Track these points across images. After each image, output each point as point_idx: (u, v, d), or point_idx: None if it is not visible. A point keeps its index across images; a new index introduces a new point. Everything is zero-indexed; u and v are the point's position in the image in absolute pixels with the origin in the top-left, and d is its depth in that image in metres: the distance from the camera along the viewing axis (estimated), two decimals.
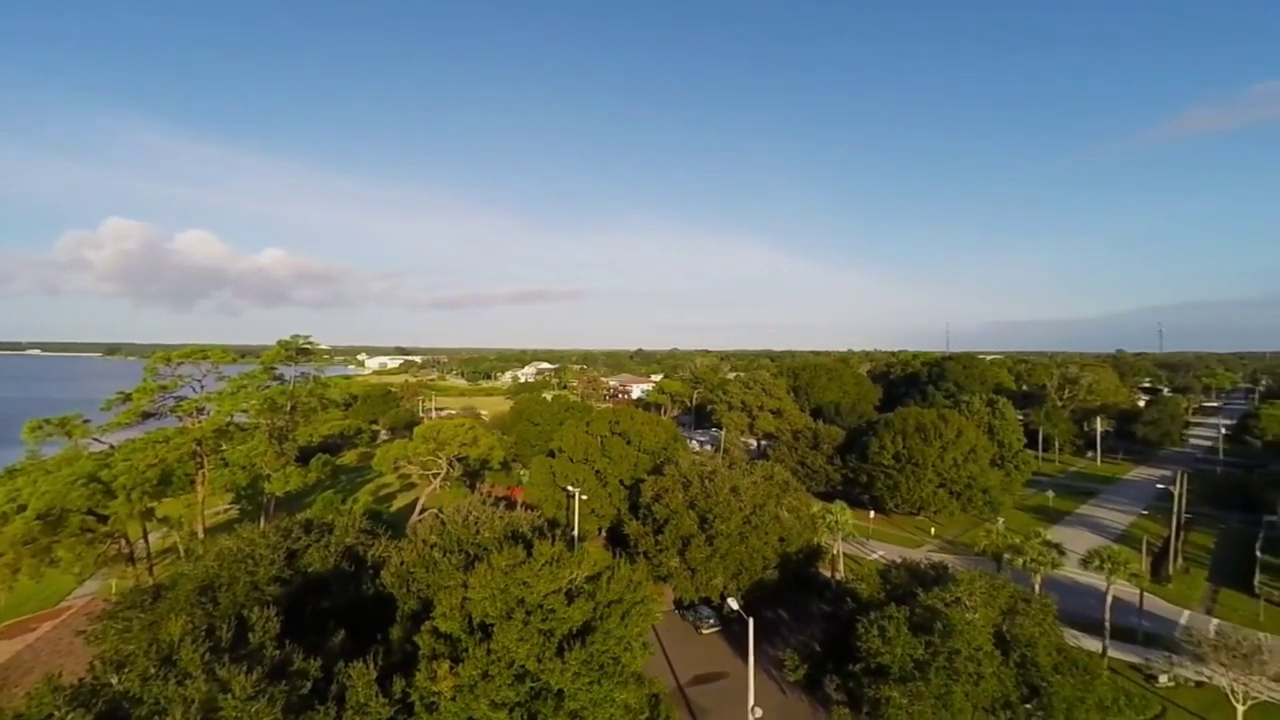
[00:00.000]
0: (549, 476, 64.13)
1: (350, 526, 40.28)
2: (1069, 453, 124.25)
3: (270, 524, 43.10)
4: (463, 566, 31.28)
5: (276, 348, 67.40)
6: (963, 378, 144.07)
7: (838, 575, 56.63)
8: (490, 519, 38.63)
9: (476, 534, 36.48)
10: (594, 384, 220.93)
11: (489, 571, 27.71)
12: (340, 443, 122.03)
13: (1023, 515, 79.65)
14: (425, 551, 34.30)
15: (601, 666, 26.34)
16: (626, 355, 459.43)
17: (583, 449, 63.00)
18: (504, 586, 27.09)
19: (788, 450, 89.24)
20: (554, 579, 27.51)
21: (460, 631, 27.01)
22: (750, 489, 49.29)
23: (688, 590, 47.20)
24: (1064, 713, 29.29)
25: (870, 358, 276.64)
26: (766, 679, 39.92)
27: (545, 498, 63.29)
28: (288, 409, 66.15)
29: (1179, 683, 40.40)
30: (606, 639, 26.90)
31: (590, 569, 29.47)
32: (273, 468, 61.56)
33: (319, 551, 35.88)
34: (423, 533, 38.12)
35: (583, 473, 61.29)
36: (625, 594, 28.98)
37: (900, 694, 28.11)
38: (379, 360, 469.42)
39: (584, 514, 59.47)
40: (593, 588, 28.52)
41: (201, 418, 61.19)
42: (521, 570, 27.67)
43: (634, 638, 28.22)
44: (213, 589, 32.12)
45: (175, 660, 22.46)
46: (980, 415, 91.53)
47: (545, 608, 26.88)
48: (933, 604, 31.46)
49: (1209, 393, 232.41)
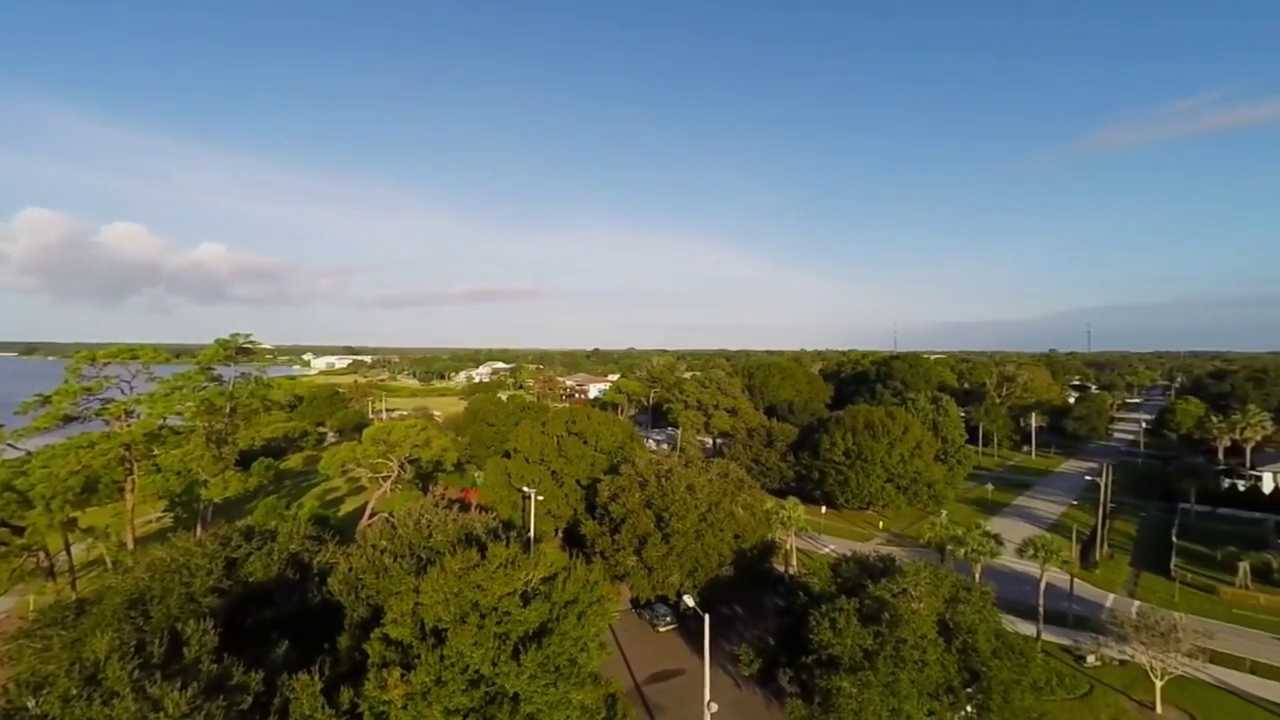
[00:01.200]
0: (504, 478, 63.26)
1: (295, 533, 38.76)
2: (1007, 447, 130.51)
3: (208, 532, 41.03)
4: (414, 571, 30.55)
5: (214, 347, 64.12)
6: (909, 376, 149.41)
7: (791, 570, 57.88)
8: (443, 522, 37.81)
9: (429, 537, 35.66)
10: (550, 384, 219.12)
11: (442, 575, 27.14)
12: (284, 446, 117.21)
13: (964, 507, 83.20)
14: (375, 557, 33.34)
15: (558, 668, 26.16)
16: (583, 355, 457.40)
17: (539, 449, 62.40)
18: (457, 590, 26.58)
19: (743, 448, 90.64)
20: (509, 581, 27.16)
21: (412, 638, 26.35)
22: (706, 487, 49.80)
23: (644, 589, 47.35)
24: (1001, 695, 30.73)
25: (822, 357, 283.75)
26: (722, 674, 40.44)
27: (500, 499, 62.40)
28: (227, 411, 63.07)
29: (1104, 662, 42.97)
30: (563, 640, 26.73)
31: (546, 570, 29.22)
32: (210, 473, 58.61)
33: (261, 560, 34.40)
34: (372, 537, 36.97)
35: (539, 473, 60.70)
36: (581, 594, 28.86)
37: (850, 683, 28.92)
38: (326, 360, 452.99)
39: (540, 515, 58.89)
40: (548, 589, 28.29)
41: (131, 421, 57.73)
42: (476, 573, 27.20)
43: (590, 638, 28.13)
44: (143, 602, 30.38)
45: (100, 679, 21.12)
46: (925, 412, 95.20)
47: (500, 610, 26.51)
48: (881, 595, 32.48)
49: (1131, 390, 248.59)
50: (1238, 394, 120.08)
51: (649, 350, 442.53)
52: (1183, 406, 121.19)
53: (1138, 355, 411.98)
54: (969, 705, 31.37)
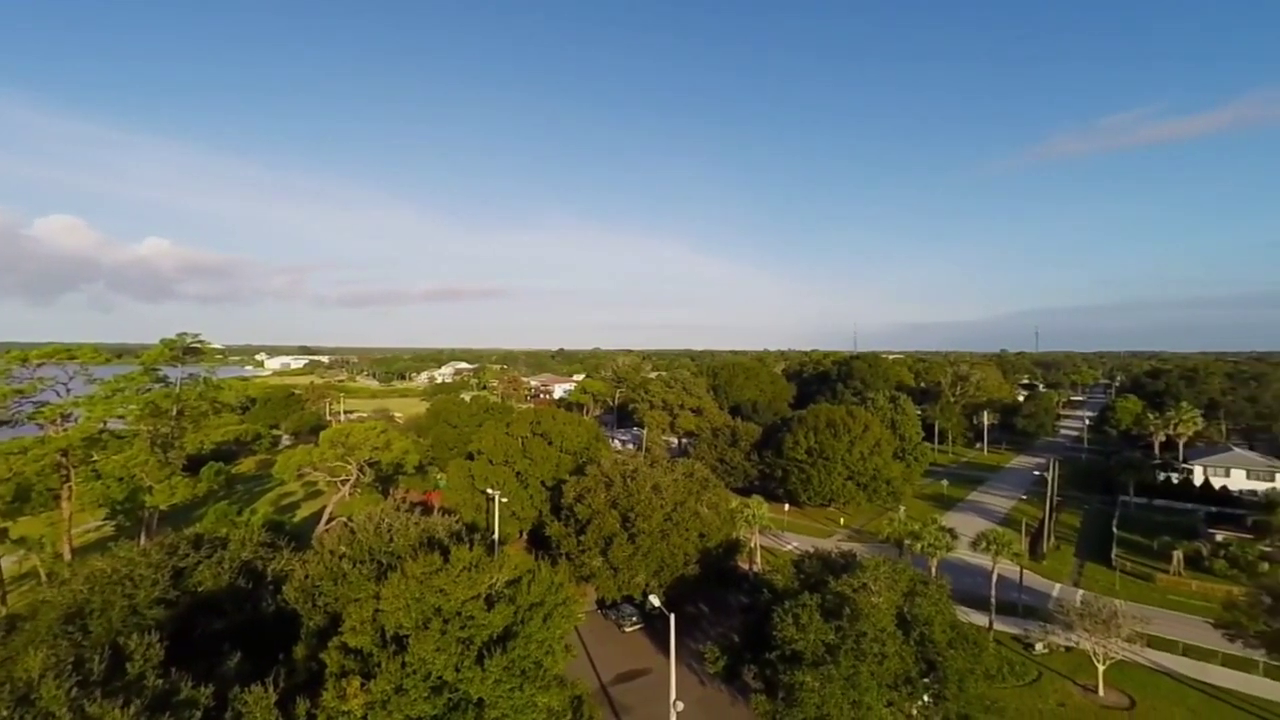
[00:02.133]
0: (468, 480, 62.30)
1: (247, 539, 37.36)
2: (961, 444, 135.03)
3: (153, 541, 39.19)
4: (374, 577, 29.79)
5: (160, 347, 61.27)
6: (869, 376, 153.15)
7: (755, 567, 58.62)
8: (404, 526, 36.98)
9: (389, 542, 34.82)
10: (515, 384, 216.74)
11: (403, 580, 26.56)
12: (236, 450, 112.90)
13: (921, 503, 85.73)
14: (333, 563, 32.38)
15: (523, 672, 25.90)
16: (548, 355, 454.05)
17: (503, 451, 61.67)
18: (419, 595, 26.04)
19: (708, 447, 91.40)
20: (473, 585, 26.75)
21: (372, 645, 25.72)
22: (671, 487, 50.03)
23: (610, 589, 47.29)
24: (956, 684, 31.76)
25: (785, 357, 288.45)
26: (688, 672, 40.69)
27: (464, 501, 61.43)
28: (173, 414, 60.36)
29: (1052, 649, 44.87)
30: (528, 643, 26.48)
31: (511, 573, 28.91)
32: (155, 479, 55.99)
33: (210, 568, 33.05)
34: (330, 543, 35.91)
35: (503, 475, 59.99)
36: (547, 596, 28.65)
37: (813, 678, 29.45)
38: (281, 360, 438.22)
39: (505, 517, 58.21)
40: (513, 592, 27.98)
41: (68, 425, 54.72)
42: (438, 577, 26.70)
43: (556, 640, 27.95)
44: (82, 616, 28.84)
45: (34, 699, 19.94)
46: (884, 411, 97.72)
47: (464, 615, 26.09)
48: (842, 590, 33.19)
49: (1076, 388, 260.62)
50: (1171, 392, 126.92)
51: (615, 350, 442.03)
52: (1122, 404, 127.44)
53: (1081, 355, 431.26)
54: (926, 695, 32.33)
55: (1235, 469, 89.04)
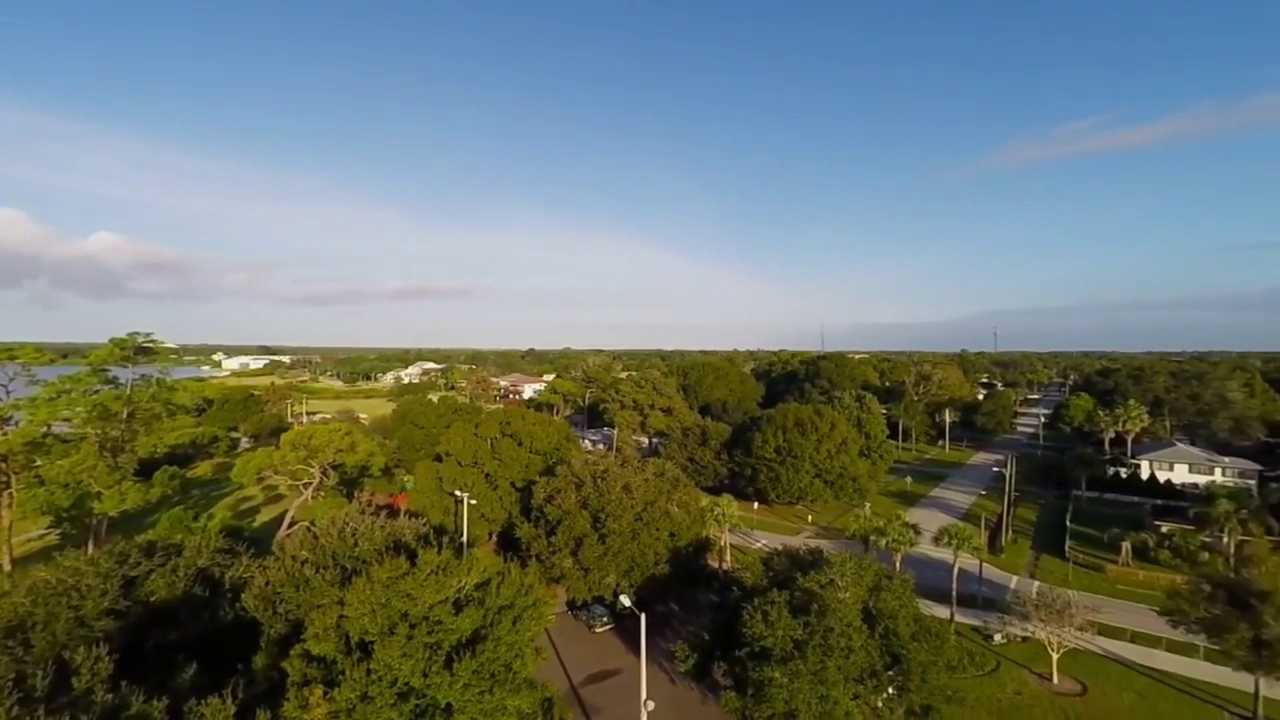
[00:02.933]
0: (435, 482, 61.35)
1: (204, 546, 36.14)
2: (924, 442, 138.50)
3: (101, 549, 37.55)
4: (338, 582, 29.13)
5: (109, 346, 58.74)
6: (835, 375, 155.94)
7: (725, 565, 59.12)
8: (370, 529, 36.23)
9: (354, 546, 34.09)
10: (484, 384, 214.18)
11: (368, 585, 26.02)
12: (192, 453, 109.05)
13: (886, 500, 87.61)
14: (294, 569, 31.54)
15: (493, 675, 25.64)
16: (518, 355, 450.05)
17: (471, 452, 60.90)
18: (385, 600, 25.55)
19: (678, 447, 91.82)
20: (440, 589, 26.36)
21: (336, 652, 25.14)
22: (642, 486, 50.11)
23: (581, 590, 47.13)
24: (919, 675, 32.59)
25: (754, 357, 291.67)
26: (659, 671, 40.80)
27: (431, 504, 60.47)
28: (124, 416, 57.96)
29: (1009, 640, 46.37)
30: (497, 646, 26.22)
31: (480, 575, 28.58)
32: (104, 484, 53.66)
33: (164, 577, 31.87)
34: (292, 548, 34.95)
35: (472, 476, 59.25)
36: (517, 599, 28.41)
37: (781, 674, 29.85)
38: (239, 360, 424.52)
39: (473, 519, 57.50)
40: (482, 595, 27.67)
41: (8, 428, 52.10)
42: (405, 582, 26.24)
43: (526, 643, 27.74)
44: (24, 630, 27.45)
45: None
46: (850, 410, 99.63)
47: (431, 619, 25.69)
48: (810, 587, 33.72)
49: (1032, 387, 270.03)
50: (1120, 390, 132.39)
51: (585, 350, 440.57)
52: (1075, 402, 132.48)
53: (1038, 355, 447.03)
54: (890, 687, 33.09)
55: (1179, 463, 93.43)
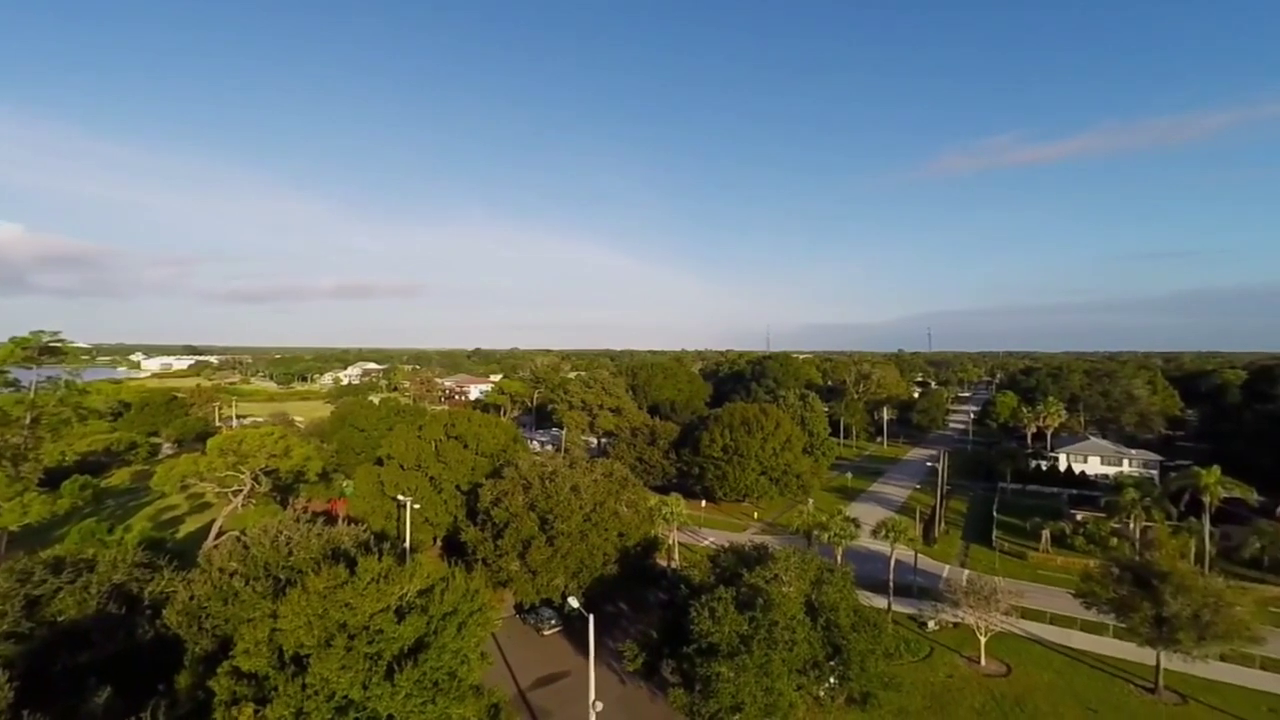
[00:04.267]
0: (376, 486, 59.36)
1: (120, 560, 33.78)
2: (863, 438, 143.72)
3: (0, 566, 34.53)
4: (271, 594, 27.82)
5: (9, 346, 54.14)
6: (780, 375, 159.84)
7: (673, 564, 59.66)
8: (306, 538, 34.71)
9: (288, 556, 32.59)
10: (428, 385, 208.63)
11: (303, 596, 24.94)
12: (107, 460, 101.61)
13: (828, 495, 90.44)
14: (223, 581, 29.90)
15: (436, 684, 25.02)
16: (464, 355, 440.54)
17: (415, 455, 59.25)
18: (322, 611, 24.55)
19: (627, 447, 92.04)
20: (381, 597, 25.53)
21: (268, 668, 23.98)
22: (591, 487, 49.97)
23: (529, 593, 46.60)
24: (859, 664, 33.83)
25: (702, 357, 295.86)
26: (608, 672, 40.79)
27: (372, 509, 58.46)
28: (26, 422, 53.51)
29: (942, 626, 48.70)
30: (441, 654, 25.60)
31: (423, 582, 27.83)
32: (3, 496, 49.37)
33: (74, 595, 29.63)
34: (220, 560, 33.08)
35: (415, 480, 57.64)
36: (462, 604, 27.81)
37: (728, 668, 30.39)
38: (161, 361, 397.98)
39: (417, 523, 55.93)
40: (425, 601, 26.95)
41: None
42: (343, 591, 25.28)
43: (471, 649, 27.20)
44: None
45: None
46: (794, 408, 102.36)
47: (372, 629, 24.85)
48: (755, 582, 34.47)
49: (963, 385, 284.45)
50: (1041, 388, 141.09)
51: (533, 350, 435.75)
52: (1001, 399, 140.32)
53: (968, 355, 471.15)
54: (832, 677, 34.23)
55: (1092, 456, 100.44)
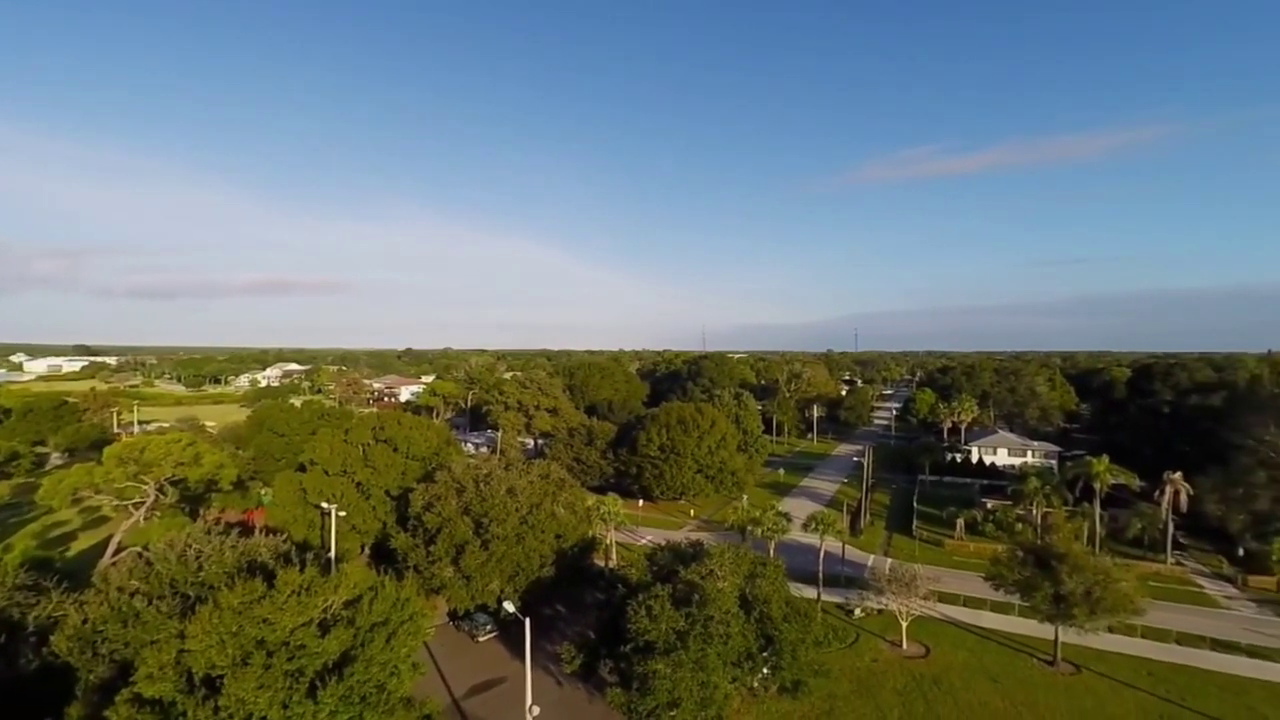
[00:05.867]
0: (298, 494, 56.31)
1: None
2: (795, 435, 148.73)
3: None
4: (179, 613, 25.92)
5: None
6: (716, 374, 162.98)
7: (611, 563, 59.75)
8: (218, 551, 32.53)
9: (198, 571, 30.45)
10: (355, 386, 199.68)
11: (215, 613, 23.38)
12: None
13: (762, 491, 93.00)
14: (121, 602, 27.58)
15: (364, 698, 24.05)
16: (394, 355, 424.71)
17: (340, 459, 56.59)
18: (237, 628, 23.09)
19: (564, 448, 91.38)
20: (303, 610, 24.29)
21: (175, 693, 22.33)
22: (527, 489, 49.32)
23: (463, 599, 45.47)
24: (790, 653, 35.01)
25: (639, 357, 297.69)
26: (545, 675, 40.37)
27: (294, 518, 55.44)
28: None
29: (867, 613, 51.08)
30: (369, 667, 24.64)
31: (349, 592, 26.70)
32: None
33: None
34: (119, 579, 30.46)
35: (341, 486, 55.08)
36: (391, 614, 26.87)
37: (665, 665, 30.75)
38: (48, 362, 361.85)
39: (343, 532, 53.50)
40: (352, 613, 25.86)
41: None
42: (261, 606, 23.88)
43: (402, 660, 26.33)
44: None
45: None
46: (729, 407, 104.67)
47: (293, 644, 23.60)
48: (691, 579, 35.03)
49: (887, 383, 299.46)
50: (956, 386, 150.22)
51: (467, 350, 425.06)
52: (921, 396, 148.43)
53: (891, 354, 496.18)
54: (765, 667, 35.25)
55: (1000, 448, 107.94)
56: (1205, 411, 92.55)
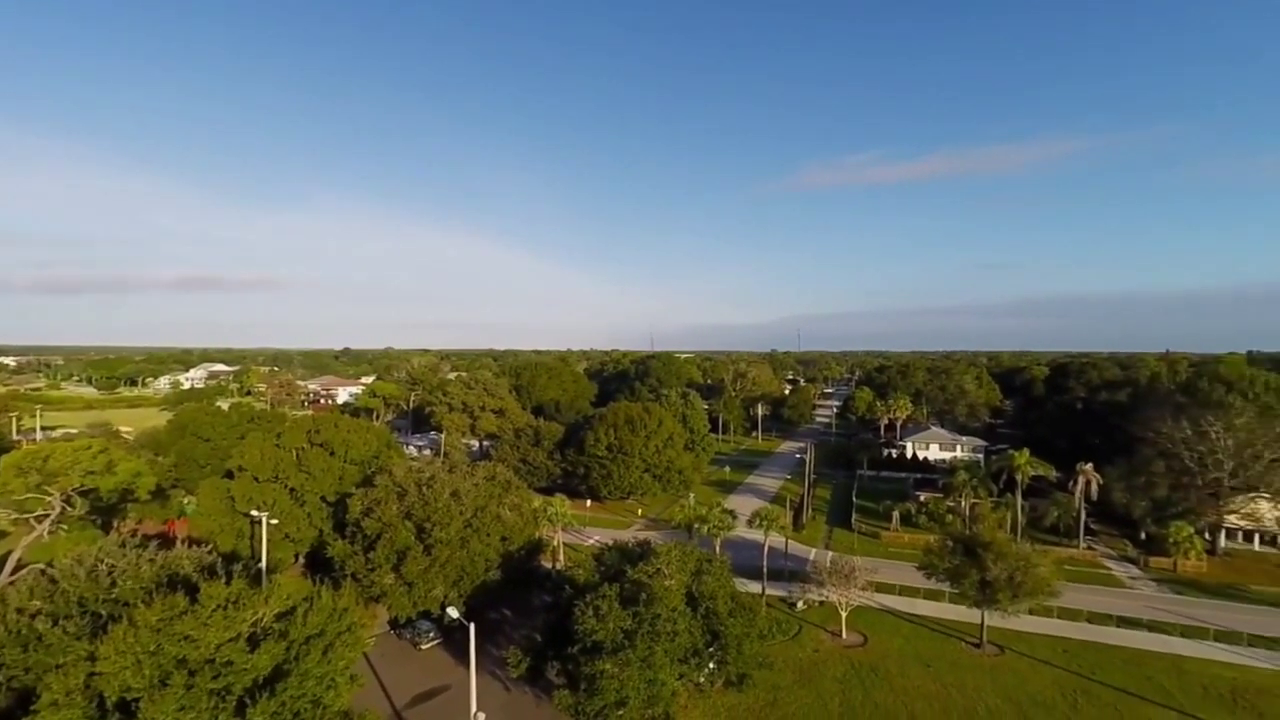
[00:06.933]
0: (225, 502, 53.31)
1: None
2: (740, 433, 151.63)
3: None
4: (88, 633, 24.11)
5: None
6: (663, 374, 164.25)
7: (558, 565, 59.28)
8: (134, 565, 30.39)
9: (111, 588, 28.37)
10: (288, 388, 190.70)
11: (130, 632, 21.87)
12: None
13: (708, 489, 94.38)
14: (20, 624, 25.40)
15: (297, 714, 23.05)
16: (331, 355, 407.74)
17: (272, 465, 53.90)
18: (155, 647, 21.67)
19: (510, 449, 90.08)
20: (230, 625, 23.04)
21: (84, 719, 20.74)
22: (472, 491, 48.35)
23: (405, 607, 44.13)
24: (736, 647, 35.68)
25: (587, 356, 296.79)
26: (491, 681, 39.71)
27: (220, 528, 52.45)
28: None
29: (809, 605, 52.62)
30: (304, 681, 23.61)
31: (282, 604, 25.50)
32: None
33: None
34: (18, 599, 28.00)
35: (272, 493, 52.45)
36: (328, 625, 25.82)
37: (612, 665, 30.77)
38: None
39: (276, 541, 51.01)
40: (285, 625, 24.71)
41: None
42: (182, 622, 22.50)
43: (339, 672, 25.36)
44: None
45: None
46: (676, 406, 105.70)
47: (219, 662, 22.34)
48: (638, 578, 35.19)
49: (828, 382, 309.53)
50: (892, 384, 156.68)
51: (410, 350, 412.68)
52: (859, 394, 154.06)
53: (832, 354, 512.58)
54: (711, 662, 35.81)
55: (932, 443, 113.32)
56: (1113, 407, 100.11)
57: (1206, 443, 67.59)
